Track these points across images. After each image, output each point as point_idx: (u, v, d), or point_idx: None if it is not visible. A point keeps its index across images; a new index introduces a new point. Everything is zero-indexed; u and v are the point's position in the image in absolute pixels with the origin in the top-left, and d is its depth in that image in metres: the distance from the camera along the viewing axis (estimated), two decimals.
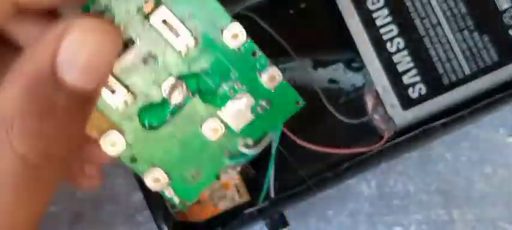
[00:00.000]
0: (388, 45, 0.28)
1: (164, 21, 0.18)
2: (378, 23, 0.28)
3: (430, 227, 0.33)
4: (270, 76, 0.19)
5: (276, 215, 0.28)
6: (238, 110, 0.20)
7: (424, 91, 0.28)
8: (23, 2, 0.16)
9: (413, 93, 0.28)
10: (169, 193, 0.20)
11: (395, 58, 0.28)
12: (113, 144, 0.19)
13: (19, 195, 0.14)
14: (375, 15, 0.28)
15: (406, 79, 0.28)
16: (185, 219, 0.29)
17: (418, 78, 0.28)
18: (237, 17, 0.18)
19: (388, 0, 0.28)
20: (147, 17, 0.18)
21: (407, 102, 0.28)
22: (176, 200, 0.20)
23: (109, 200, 0.34)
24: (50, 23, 0.16)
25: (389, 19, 0.28)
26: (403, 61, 0.28)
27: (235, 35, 0.18)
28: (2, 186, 0.14)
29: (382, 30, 0.28)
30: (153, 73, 0.18)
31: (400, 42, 0.29)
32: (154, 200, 0.28)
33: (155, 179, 0.19)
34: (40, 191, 0.15)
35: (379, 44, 0.28)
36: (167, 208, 0.29)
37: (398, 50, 0.28)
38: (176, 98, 0.19)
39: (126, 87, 0.18)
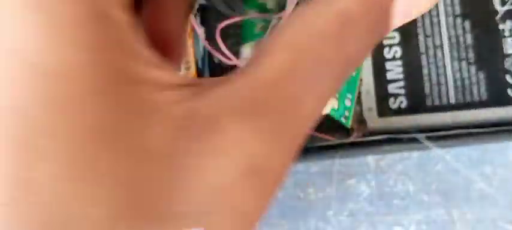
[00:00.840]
0: (386, 50, 0.29)
1: None
2: None
3: (430, 227, 0.33)
4: None
5: None
6: None
7: (404, 105, 0.29)
8: None
9: (393, 104, 0.29)
10: None
11: (388, 65, 0.29)
12: None
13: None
14: None
15: (391, 88, 0.29)
16: None
17: (402, 91, 0.29)
18: None
19: None
20: None
21: (384, 110, 0.29)
22: None
23: None
24: None
25: None
26: (395, 70, 0.29)
27: None
28: None
29: None
30: None
31: (397, 51, 0.29)
32: None
33: None
34: None
35: (377, 46, 0.29)
36: None
37: (394, 58, 0.29)
38: None
39: None
